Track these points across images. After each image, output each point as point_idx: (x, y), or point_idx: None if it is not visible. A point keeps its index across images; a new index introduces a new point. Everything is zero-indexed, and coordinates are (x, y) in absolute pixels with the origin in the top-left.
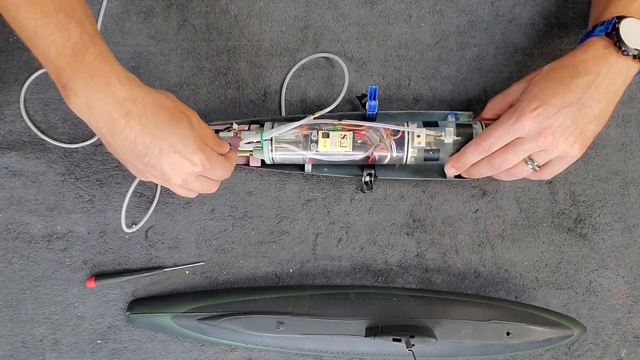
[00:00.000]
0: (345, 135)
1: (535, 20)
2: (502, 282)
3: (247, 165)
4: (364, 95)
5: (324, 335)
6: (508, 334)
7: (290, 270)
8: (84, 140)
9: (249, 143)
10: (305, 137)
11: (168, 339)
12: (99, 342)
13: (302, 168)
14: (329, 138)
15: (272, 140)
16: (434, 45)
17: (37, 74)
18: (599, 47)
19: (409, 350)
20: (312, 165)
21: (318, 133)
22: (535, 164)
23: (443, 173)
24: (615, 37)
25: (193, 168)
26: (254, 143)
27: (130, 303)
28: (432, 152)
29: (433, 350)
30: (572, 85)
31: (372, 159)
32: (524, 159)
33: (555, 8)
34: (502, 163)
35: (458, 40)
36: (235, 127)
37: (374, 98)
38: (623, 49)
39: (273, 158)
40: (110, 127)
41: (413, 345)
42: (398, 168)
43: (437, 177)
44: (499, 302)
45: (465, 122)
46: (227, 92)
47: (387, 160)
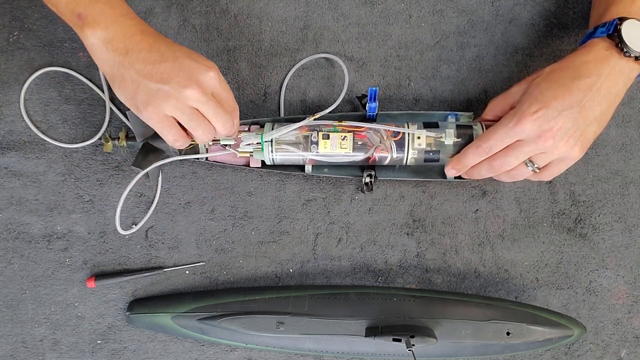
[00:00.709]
0: (346, 137)
1: (536, 20)
2: (502, 282)
3: (247, 166)
4: (364, 96)
5: (324, 335)
6: (508, 334)
7: (290, 270)
8: (84, 140)
9: (249, 145)
10: (306, 138)
11: (168, 339)
12: (99, 342)
13: (302, 169)
14: (329, 139)
15: (272, 142)
16: (434, 45)
17: (37, 74)
18: (601, 48)
19: (409, 350)
20: (312, 166)
21: (318, 134)
22: (536, 166)
23: (443, 173)
24: (617, 38)
25: (210, 73)
26: (254, 144)
27: (130, 303)
28: (432, 153)
29: (433, 350)
30: (573, 88)
31: (372, 160)
32: (524, 161)
33: (556, 8)
34: (502, 165)
35: (458, 40)
36: None
37: (374, 99)
38: (625, 51)
39: (273, 159)
40: (127, 43)
41: (413, 345)
42: (398, 169)
43: (437, 177)
44: (499, 302)
45: (466, 123)
46: None
47: (387, 162)
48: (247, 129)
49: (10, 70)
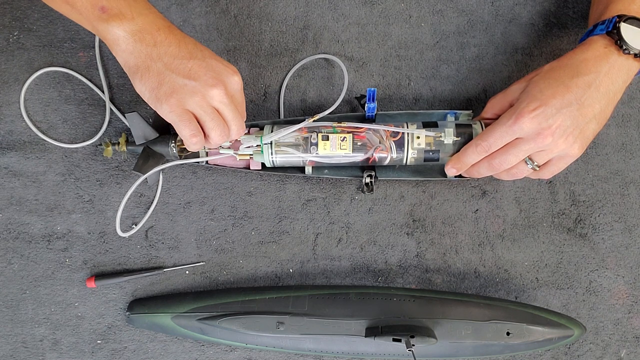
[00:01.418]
0: (345, 138)
1: (535, 20)
2: (502, 282)
3: (247, 169)
4: (363, 96)
5: (324, 336)
6: (508, 334)
7: (290, 270)
8: (84, 141)
9: (249, 147)
10: (305, 139)
11: (168, 339)
12: (99, 342)
13: (302, 170)
14: (329, 140)
15: (272, 144)
16: (434, 45)
17: (37, 74)
18: (600, 46)
19: (409, 350)
20: (312, 167)
21: (318, 136)
22: (535, 164)
23: (443, 173)
24: (617, 36)
25: (235, 77)
26: (254, 147)
27: (130, 303)
28: (432, 152)
29: (433, 350)
30: (571, 85)
31: (372, 161)
32: (524, 159)
33: (555, 8)
34: (501, 163)
35: (458, 40)
36: None
37: (373, 100)
38: (624, 48)
39: (273, 161)
40: (155, 35)
41: (413, 345)
42: (398, 168)
43: (437, 177)
44: (499, 302)
45: (465, 121)
46: None
47: (387, 162)
48: (246, 132)
49: (10, 70)
